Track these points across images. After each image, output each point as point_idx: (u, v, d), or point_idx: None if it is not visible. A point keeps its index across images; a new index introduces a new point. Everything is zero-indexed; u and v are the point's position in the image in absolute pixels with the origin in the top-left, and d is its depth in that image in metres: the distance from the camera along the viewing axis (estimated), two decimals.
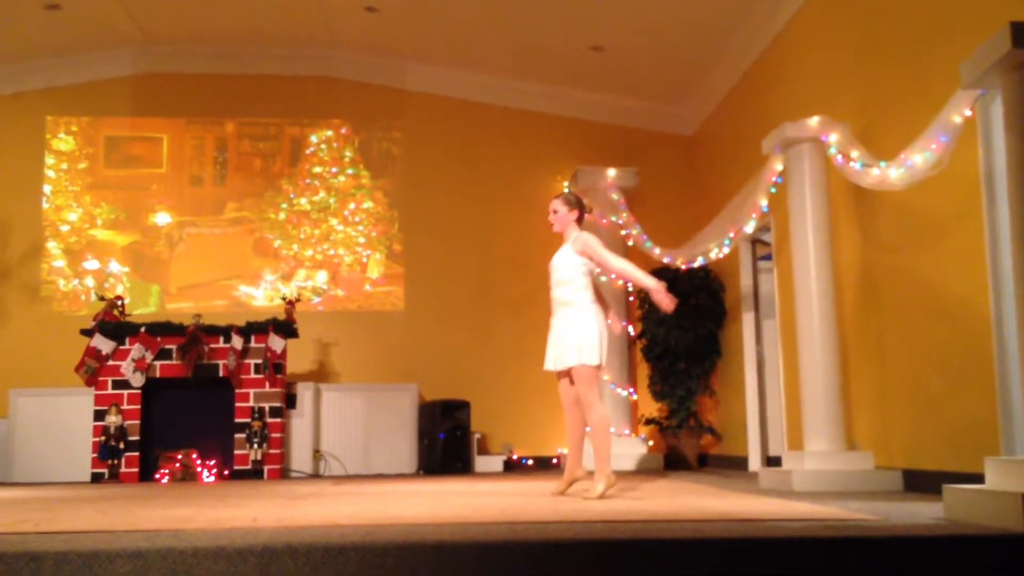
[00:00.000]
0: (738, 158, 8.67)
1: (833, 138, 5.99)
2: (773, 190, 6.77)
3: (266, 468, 8.45)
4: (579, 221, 5.49)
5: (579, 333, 5.15)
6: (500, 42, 9.47)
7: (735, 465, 8.74)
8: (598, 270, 5.46)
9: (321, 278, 10.17)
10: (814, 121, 6.18)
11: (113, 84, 10.19)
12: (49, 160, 10.08)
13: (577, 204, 5.51)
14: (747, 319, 8.71)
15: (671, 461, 9.26)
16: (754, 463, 8.35)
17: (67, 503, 5.09)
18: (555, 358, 5.28)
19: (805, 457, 5.90)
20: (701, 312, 9.11)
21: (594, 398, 5.12)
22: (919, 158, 4.88)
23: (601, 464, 5.03)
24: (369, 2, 8.87)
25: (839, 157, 5.86)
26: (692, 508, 4.11)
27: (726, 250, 7.58)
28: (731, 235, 7.37)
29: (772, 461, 8.13)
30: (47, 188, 10.04)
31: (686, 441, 9.16)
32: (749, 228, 7.19)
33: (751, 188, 7.05)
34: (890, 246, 5.97)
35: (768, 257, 8.35)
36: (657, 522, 3.43)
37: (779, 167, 6.59)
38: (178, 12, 9.22)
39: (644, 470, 8.85)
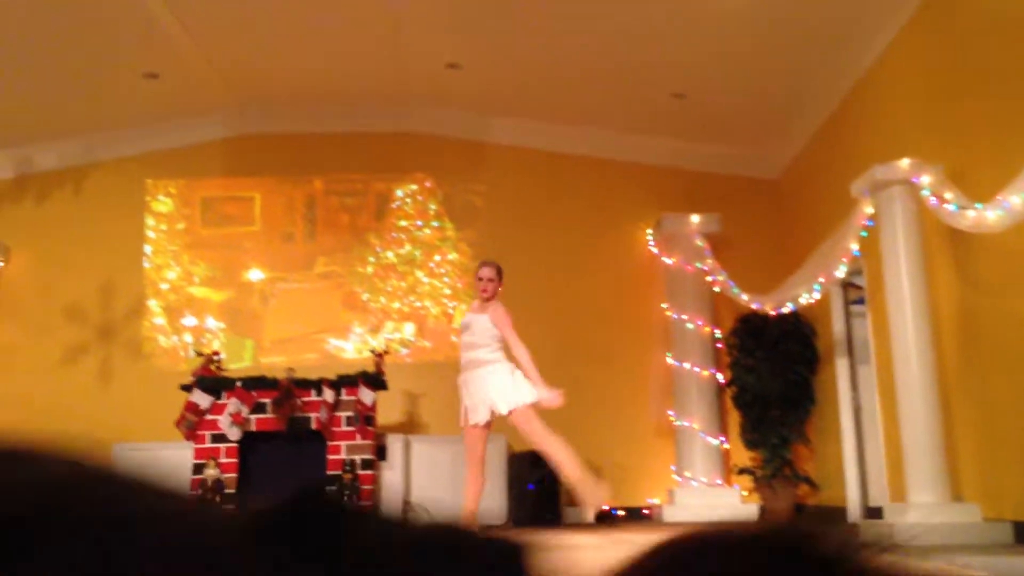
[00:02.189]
0: (826, 202, 8.53)
1: (925, 180, 5.87)
2: (864, 234, 6.65)
3: None
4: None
5: (499, 385, 5.58)
6: (580, 92, 9.55)
7: (833, 516, 8.48)
8: None
9: (408, 330, 10.29)
10: (905, 163, 6.07)
11: (207, 147, 10.57)
12: (149, 222, 10.48)
13: (501, 275, 5.93)
14: (841, 365, 8.51)
15: (766, 512, 9.04)
16: (854, 514, 8.10)
17: None
18: (477, 412, 5.55)
19: (908, 509, 5.71)
20: (792, 358, 8.94)
21: (541, 433, 5.31)
22: (1017, 199, 4.75)
23: (582, 486, 5.20)
24: (450, 59, 9.06)
25: (933, 199, 5.74)
26: None
27: (816, 295, 7.46)
28: (821, 280, 7.25)
29: (872, 512, 7.87)
30: (148, 249, 10.43)
31: (782, 491, 8.94)
32: (840, 273, 7.06)
33: (841, 232, 6.93)
34: (991, 289, 5.79)
35: (861, 301, 8.17)
36: None
37: (869, 210, 6.47)
38: (267, 77, 9.56)
39: (737, 521, 8.63)
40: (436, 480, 9.17)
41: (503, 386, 5.55)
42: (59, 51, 8.50)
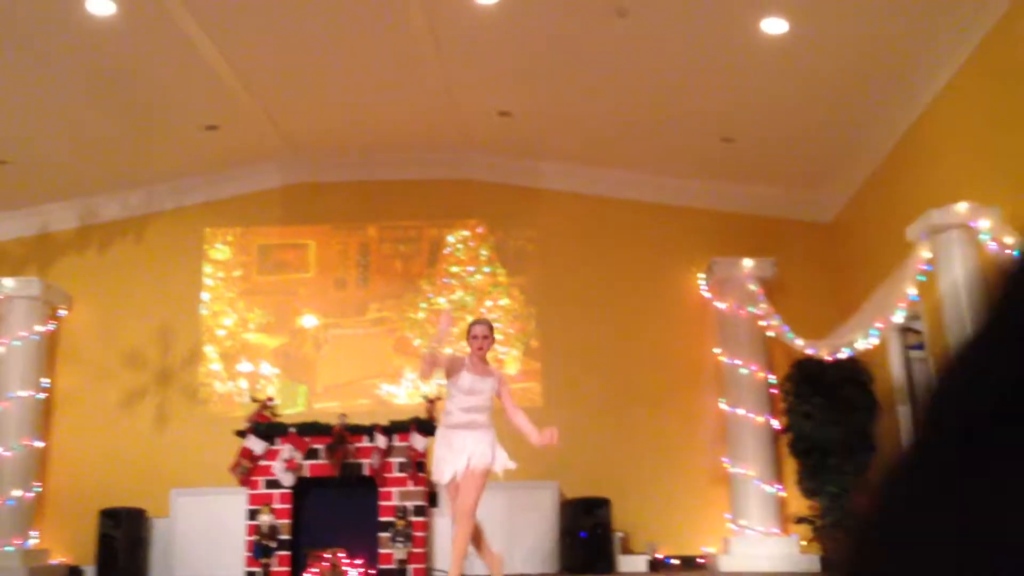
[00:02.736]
0: (882, 245, 8.42)
1: (984, 224, 5.77)
2: (922, 278, 6.55)
3: (411, 567, 8.49)
4: None
5: (494, 446, 5.86)
6: (629, 137, 9.60)
7: None
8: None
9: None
10: (962, 207, 6.00)
11: (264, 196, 10.79)
12: (207, 269, 10.69)
13: (493, 332, 6.09)
14: (902, 411, 8.33)
15: (827, 563, 8.83)
16: None
17: None
18: (457, 464, 5.67)
19: None
20: (850, 404, 8.77)
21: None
22: None
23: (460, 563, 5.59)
24: (502, 107, 9.18)
25: (992, 243, 5.64)
26: None
27: (874, 340, 7.33)
28: (878, 325, 7.14)
29: None
30: (205, 295, 10.63)
31: (843, 541, 8.71)
32: (898, 318, 6.95)
33: (898, 277, 6.84)
34: None
35: (919, 347, 8.02)
36: None
37: (927, 255, 6.38)
38: (322, 126, 9.76)
39: (799, 573, 8.45)
40: (487, 526, 9.10)
41: (497, 448, 5.86)
42: (122, 105, 8.78)
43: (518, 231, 10.65)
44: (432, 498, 8.93)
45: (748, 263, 9.54)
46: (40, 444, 9.87)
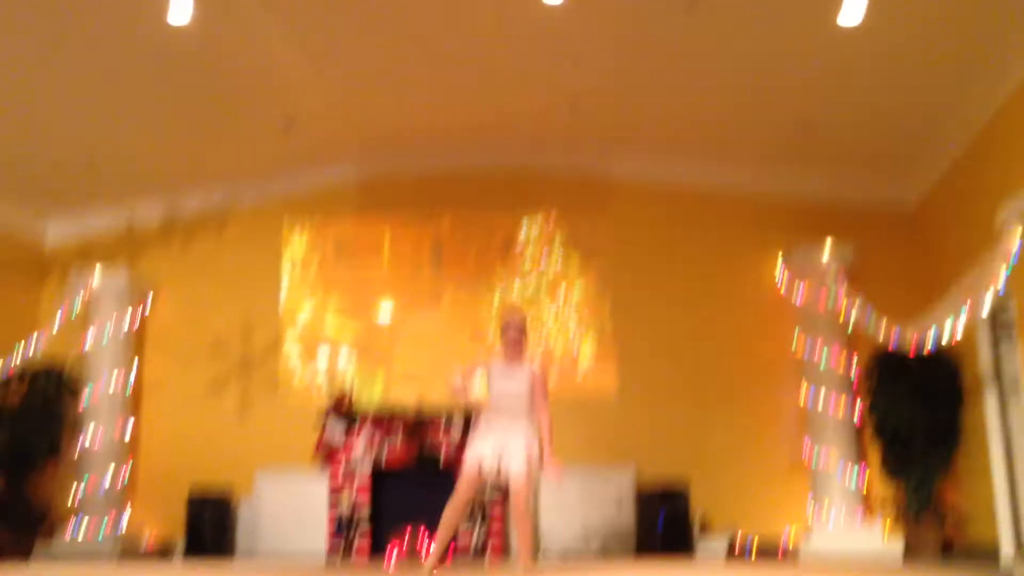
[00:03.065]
0: (969, 230, 8.23)
1: None
2: (1011, 263, 6.39)
3: (488, 549, 8.60)
4: None
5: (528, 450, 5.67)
6: (705, 126, 9.52)
7: (984, 555, 8.09)
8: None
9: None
10: None
11: (340, 188, 10.96)
12: (286, 262, 10.92)
13: None
14: (990, 399, 8.15)
15: (911, 549, 8.69)
16: (1007, 552, 7.71)
17: None
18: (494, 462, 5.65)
19: None
20: (935, 393, 8.62)
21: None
22: None
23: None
24: (575, 95, 9.17)
25: None
26: None
27: (960, 328, 7.17)
28: (965, 311, 6.98)
29: None
30: (284, 287, 10.86)
31: (927, 529, 8.58)
32: (986, 304, 6.79)
33: (986, 262, 6.68)
34: None
35: (1008, 333, 7.81)
36: None
37: (1016, 240, 6.22)
38: (396, 118, 9.86)
39: (881, 561, 8.34)
40: (563, 516, 9.18)
41: (532, 445, 5.71)
42: (202, 101, 9.00)
43: (591, 220, 10.65)
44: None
45: (828, 250, 9.40)
46: (131, 429, 10.22)
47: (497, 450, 5.61)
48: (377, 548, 8.84)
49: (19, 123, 8.87)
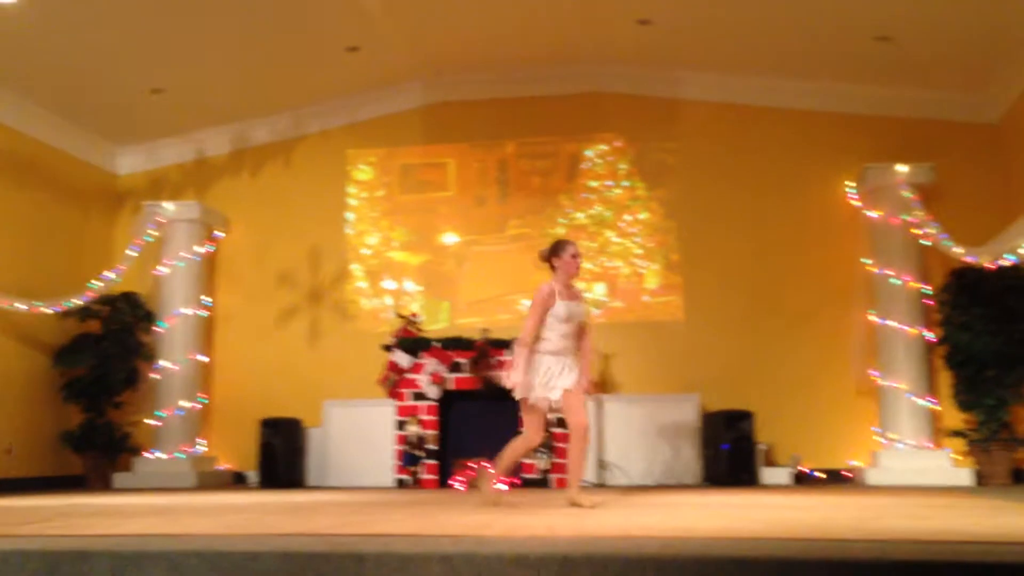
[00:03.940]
0: None
1: None
2: None
3: (553, 476, 8.68)
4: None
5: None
6: (776, 42, 9.19)
7: None
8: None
9: (600, 290, 10.32)
10: None
11: (404, 116, 10.94)
12: (351, 190, 10.99)
13: None
14: None
15: (982, 477, 8.52)
16: None
17: (380, 507, 5.51)
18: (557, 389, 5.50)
19: None
20: (1013, 315, 8.32)
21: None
22: None
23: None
24: (641, 15, 8.92)
25: None
26: (1015, 528, 3.76)
27: None
28: None
29: None
30: (350, 216, 10.94)
31: (998, 455, 8.38)
32: None
33: None
34: None
35: None
36: (977, 543, 3.17)
37: None
38: (459, 45, 9.76)
39: (951, 487, 8.19)
40: (629, 439, 9.21)
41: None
42: (267, 31, 9.02)
43: (657, 143, 10.45)
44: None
45: (903, 169, 9.08)
46: (204, 359, 10.52)
47: (560, 376, 5.55)
48: (444, 475, 8.99)
49: (89, 50, 9.00)
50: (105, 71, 9.44)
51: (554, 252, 5.69)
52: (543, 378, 5.52)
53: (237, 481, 10.37)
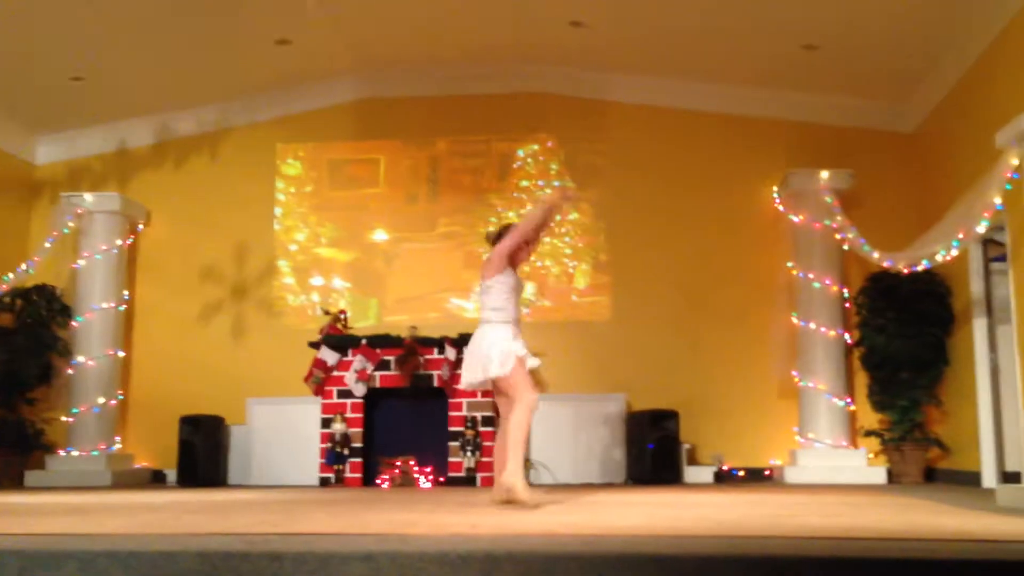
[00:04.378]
0: (966, 154, 8.11)
1: None
2: (1008, 187, 6.29)
3: (479, 475, 8.68)
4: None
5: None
6: (706, 47, 9.32)
7: (966, 481, 8.16)
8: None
9: (529, 290, 10.34)
10: None
11: (335, 111, 10.82)
12: (279, 184, 10.83)
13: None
14: (979, 325, 8.13)
15: (894, 475, 8.78)
16: (988, 479, 7.77)
17: (301, 505, 5.44)
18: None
19: None
20: (925, 318, 8.60)
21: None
22: None
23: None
24: (574, 17, 8.97)
25: None
26: (923, 526, 3.88)
27: (954, 252, 7.11)
28: (959, 236, 6.91)
29: (1009, 477, 7.53)
30: (278, 211, 10.78)
31: (911, 454, 8.65)
32: (980, 229, 6.71)
33: (983, 186, 6.58)
34: None
35: (1002, 259, 7.75)
36: (886, 540, 3.26)
37: (1015, 162, 6.12)
38: (393, 40, 9.68)
39: (865, 485, 8.42)
40: (555, 438, 9.25)
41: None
42: (195, 21, 8.81)
43: (588, 145, 10.52)
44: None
45: (825, 175, 9.29)
46: (122, 354, 10.26)
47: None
48: (369, 473, 8.92)
49: (6, 35, 8.70)
50: (23, 57, 9.13)
51: (504, 236, 5.63)
52: (525, 349, 5.39)
53: (155, 480, 10.14)
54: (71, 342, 9.97)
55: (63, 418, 9.81)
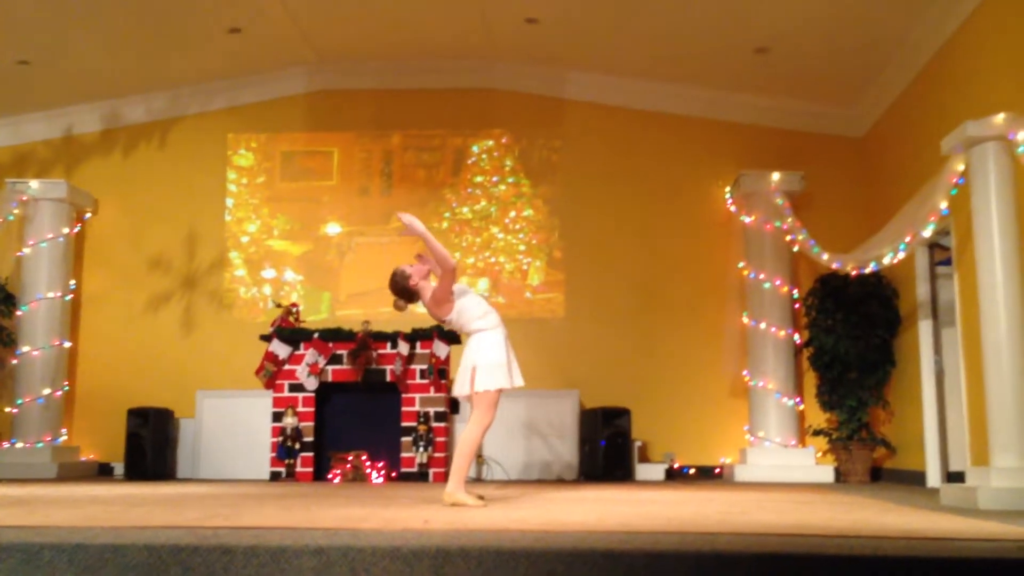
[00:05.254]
0: (914, 159, 8.27)
1: (1022, 136, 5.63)
2: (953, 192, 6.43)
3: (431, 471, 8.66)
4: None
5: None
6: (659, 48, 9.38)
7: (911, 480, 8.33)
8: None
9: (483, 285, 10.34)
10: (1000, 118, 5.83)
11: (288, 102, 10.71)
12: (231, 175, 10.69)
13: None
14: (924, 327, 8.30)
15: (842, 474, 8.93)
16: (933, 479, 7.94)
17: (251, 499, 5.38)
18: None
19: (992, 473, 5.56)
20: (872, 320, 8.76)
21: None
22: None
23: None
24: (530, 13, 8.98)
25: None
26: (870, 524, 3.95)
27: (901, 255, 7.25)
28: (906, 240, 7.04)
29: (953, 477, 7.70)
30: (229, 202, 10.65)
31: (858, 454, 8.80)
32: (926, 232, 6.85)
33: (929, 190, 6.72)
34: None
35: (947, 262, 7.92)
36: (833, 537, 3.31)
37: (960, 167, 6.25)
38: (348, 32, 9.61)
39: (813, 483, 8.56)
40: (508, 434, 9.25)
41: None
42: (144, 6, 8.66)
43: (543, 141, 10.54)
44: (454, 404, 9.04)
45: (776, 177, 9.41)
46: (68, 344, 10.06)
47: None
48: (320, 468, 8.85)
49: None
50: None
51: (408, 287, 5.70)
52: (510, 359, 5.39)
53: (102, 472, 9.97)
54: (15, 332, 9.76)
55: (7, 409, 9.61)
